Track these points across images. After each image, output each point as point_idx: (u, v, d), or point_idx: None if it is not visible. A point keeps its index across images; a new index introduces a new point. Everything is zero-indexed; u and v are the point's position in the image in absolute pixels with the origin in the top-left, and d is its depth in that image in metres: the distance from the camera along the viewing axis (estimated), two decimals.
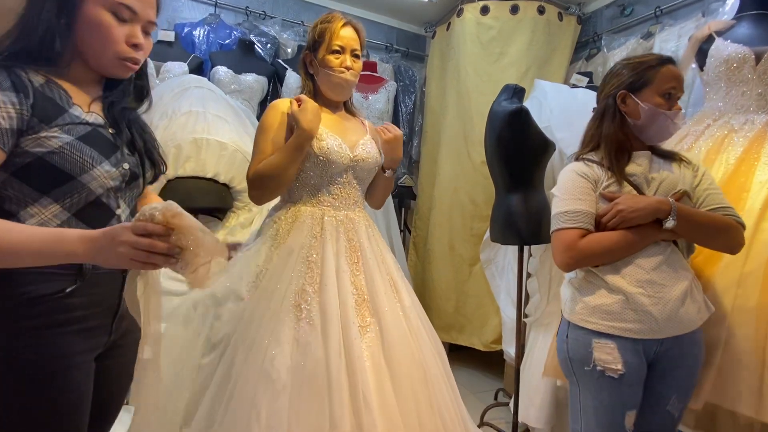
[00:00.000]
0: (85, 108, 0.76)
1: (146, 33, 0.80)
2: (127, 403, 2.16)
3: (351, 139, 1.16)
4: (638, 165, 1.11)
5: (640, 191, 1.08)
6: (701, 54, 1.58)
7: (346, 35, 1.14)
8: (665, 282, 1.04)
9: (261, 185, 1.09)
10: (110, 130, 0.79)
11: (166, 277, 1.96)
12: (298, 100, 1.11)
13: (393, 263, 1.18)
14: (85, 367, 0.76)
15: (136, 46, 0.77)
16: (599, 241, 1.04)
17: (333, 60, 1.13)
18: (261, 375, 0.91)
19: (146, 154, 0.86)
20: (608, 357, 1.02)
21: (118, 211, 0.80)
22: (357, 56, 1.17)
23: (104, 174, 0.75)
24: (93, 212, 0.76)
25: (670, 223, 1.01)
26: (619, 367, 1.01)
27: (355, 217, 1.15)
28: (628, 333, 1.02)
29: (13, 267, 0.67)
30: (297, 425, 0.88)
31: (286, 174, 1.08)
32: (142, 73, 0.88)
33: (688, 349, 1.07)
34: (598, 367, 1.03)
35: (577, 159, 1.17)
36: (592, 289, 1.08)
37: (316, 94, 1.19)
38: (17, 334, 0.69)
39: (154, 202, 0.70)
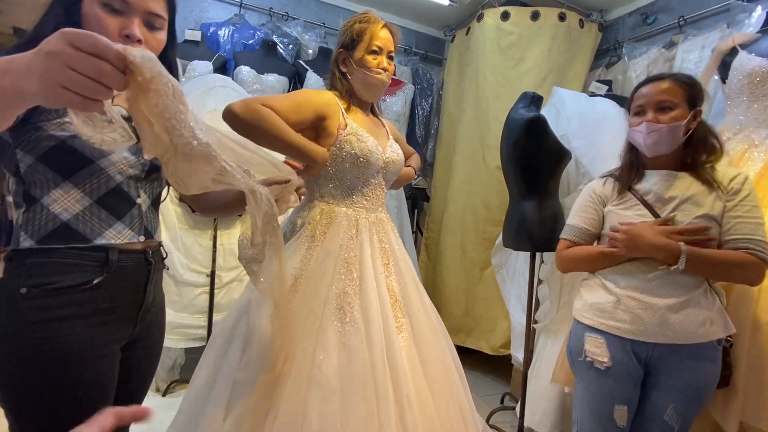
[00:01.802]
0: (110, 101, 0.79)
1: (151, 27, 0.77)
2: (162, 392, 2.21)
3: (381, 141, 1.16)
4: (653, 184, 1.14)
5: (653, 210, 1.12)
6: (724, 66, 1.57)
7: (384, 36, 1.13)
8: (660, 292, 1.07)
9: (249, 120, 0.96)
10: (133, 123, 0.82)
11: (185, 268, 2.03)
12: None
13: (411, 264, 1.17)
14: (110, 358, 0.79)
15: (128, 38, 0.73)
16: (573, 252, 1.23)
17: (371, 60, 1.12)
18: (310, 381, 0.89)
19: None
20: (596, 350, 1.12)
21: (138, 201, 0.82)
22: (391, 58, 1.17)
23: (122, 160, 0.77)
24: (113, 199, 0.77)
25: (680, 267, 1.04)
26: (606, 360, 1.10)
27: (383, 219, 1.15)
28: (616, 331, 1.11)
29: None
30: (347, 429, 0.87)
31: (271, 146, 0.96)
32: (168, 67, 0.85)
33: (687, 361, 1.07)
34: (588, 359, 1.14)
35: (602, 175, 1.28)
36: (592, 288, 1.19)
37: (351, 94, 1.17)
38: (44, 323, 0.71)
39: None
